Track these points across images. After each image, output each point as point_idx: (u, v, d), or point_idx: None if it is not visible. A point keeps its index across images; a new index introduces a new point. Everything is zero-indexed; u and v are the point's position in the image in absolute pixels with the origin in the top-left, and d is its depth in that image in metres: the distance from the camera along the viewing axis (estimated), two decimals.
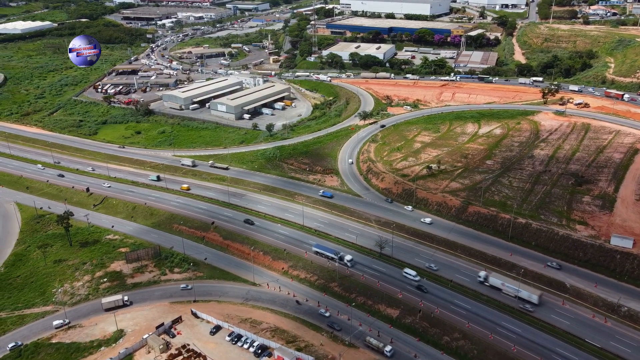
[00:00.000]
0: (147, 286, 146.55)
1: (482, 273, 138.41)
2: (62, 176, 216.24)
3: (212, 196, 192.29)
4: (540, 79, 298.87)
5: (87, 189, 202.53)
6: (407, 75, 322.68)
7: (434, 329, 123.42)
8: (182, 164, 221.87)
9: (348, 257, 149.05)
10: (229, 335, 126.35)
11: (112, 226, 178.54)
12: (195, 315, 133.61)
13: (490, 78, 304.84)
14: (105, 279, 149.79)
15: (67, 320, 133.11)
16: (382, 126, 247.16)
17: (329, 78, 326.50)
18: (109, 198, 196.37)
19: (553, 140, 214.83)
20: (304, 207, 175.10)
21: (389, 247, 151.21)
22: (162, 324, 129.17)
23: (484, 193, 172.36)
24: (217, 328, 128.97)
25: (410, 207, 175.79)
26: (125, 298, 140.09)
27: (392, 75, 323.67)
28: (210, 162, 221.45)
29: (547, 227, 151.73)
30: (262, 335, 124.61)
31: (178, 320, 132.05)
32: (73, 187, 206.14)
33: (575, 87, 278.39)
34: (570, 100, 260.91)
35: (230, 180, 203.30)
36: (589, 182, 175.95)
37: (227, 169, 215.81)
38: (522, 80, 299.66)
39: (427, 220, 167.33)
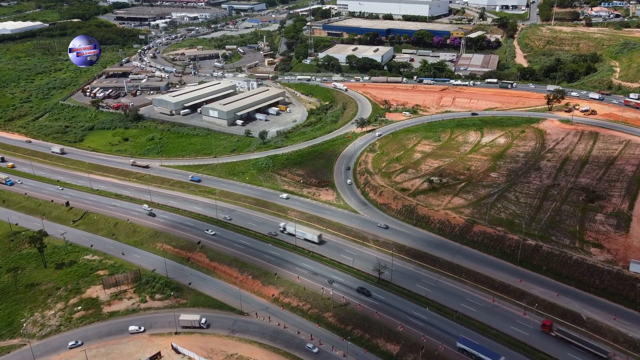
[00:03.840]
0: (125, 315, 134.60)
1: (282, 224, 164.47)
2: (154, 215, 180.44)
3: (199, 211, 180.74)
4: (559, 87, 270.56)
5: (67, 203, 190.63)
6: (422, 79, 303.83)
7: None
8: (52, 152, 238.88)
9: None
10: None
11: (91, 245, 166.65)
12: (176, 350, 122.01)
13: (513, 83, 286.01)
14: (79, 307, 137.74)
15: None
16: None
17: (345, 87, 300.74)
18: (90, 213, 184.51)
19: (560, 151, 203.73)
20: (296, 224, 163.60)
21: (387, 272, 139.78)
22: None
23: (490, 210, 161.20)
24: None
25: (285, 195, 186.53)
26: (203, 320, 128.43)
27: (404, 79, 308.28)
28: (131, 160, 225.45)
29: (559, 250, 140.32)
30: None
31: (157, 356, 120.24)
32: (52, 200, 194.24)
33: (596, 95, 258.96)
34: (577, 107, 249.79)
35: (220, 193, 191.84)
36: (601, 198, 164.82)
37: (147, 167, 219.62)
38: (550, 87, 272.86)
39: (283, 196, 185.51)
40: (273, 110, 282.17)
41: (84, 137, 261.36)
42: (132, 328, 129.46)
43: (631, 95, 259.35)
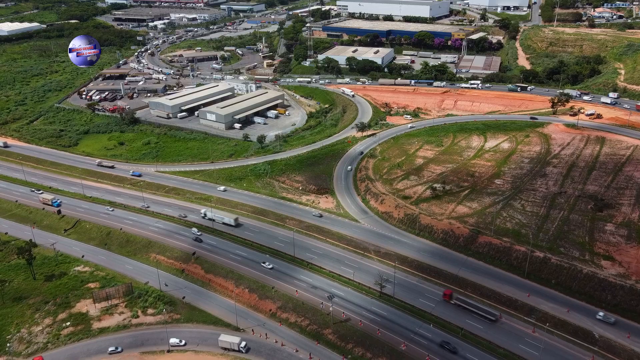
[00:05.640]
0: (116, 332, 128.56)
1: (203, 210, 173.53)
2: (201, 241, 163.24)
3: (194, 219, 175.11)
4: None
5: (59, 211, 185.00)
6: (433, 82, 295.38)
7: None
8: None
9: None
10: None
11: (83, 256, 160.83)
12: None
13: (528, 87, 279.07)
14: (68, 323, 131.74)
15: None
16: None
17: (353, 92, 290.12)
18: (82, 221, 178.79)
19: (566, 156, 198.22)
20: (294, 234, 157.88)
21: (390, 286, 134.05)
22: None
23: (495, 219, 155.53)
24: None
25: (223, 187, 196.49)
26: (243, 344, 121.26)
27: (413, 82, 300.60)
28: (97, 161, 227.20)
29: (569, 262, 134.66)
30: None
31: None
32: (44, 208, 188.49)
33: (608, 100, 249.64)
34: (582, 111, 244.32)
35: (217, 200, 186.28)
36: (610, 207, 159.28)
37: (112, 167, 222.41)
38: (568, 91, 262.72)
39: (221, 188, 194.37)
40: (272, 113, 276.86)
41: (79, 141, 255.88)
42: (173, 340, 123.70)
43: (610, 94, 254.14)
